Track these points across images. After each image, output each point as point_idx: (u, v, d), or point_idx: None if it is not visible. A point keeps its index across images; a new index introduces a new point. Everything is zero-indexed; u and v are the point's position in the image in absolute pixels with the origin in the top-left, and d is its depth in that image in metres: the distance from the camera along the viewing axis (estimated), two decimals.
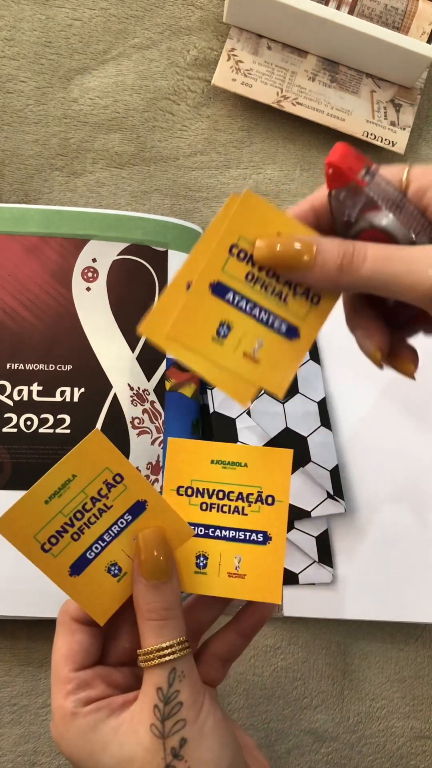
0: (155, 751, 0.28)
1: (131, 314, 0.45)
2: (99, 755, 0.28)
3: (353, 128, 0.50)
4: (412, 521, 0.46)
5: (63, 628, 0.32)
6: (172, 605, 0.30)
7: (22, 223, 0.45)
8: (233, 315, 0.30)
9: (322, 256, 0.29)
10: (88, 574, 0.31)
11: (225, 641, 0.34)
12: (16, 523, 0.30)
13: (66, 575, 0.30)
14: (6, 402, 0.44)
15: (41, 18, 0.50)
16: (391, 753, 0.47)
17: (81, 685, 0.30)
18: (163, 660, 0.29)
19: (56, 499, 0.30)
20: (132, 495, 0.31)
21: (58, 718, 0.30)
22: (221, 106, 0.51)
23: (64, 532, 0.30)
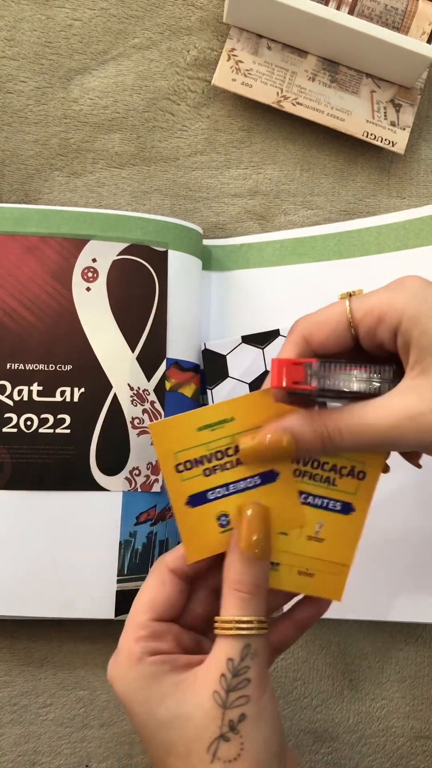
0: (213, 717, 0.28)
1: (131, 314, 0.45)
2: (155, 704, 0.29)
3: (353, 128, 0.50)
4: (411, 521, 0.46)
5: (155, 576, 0.32)
6: (260, 582, 0.31)
7: (22, 223, 0.45)
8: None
9: (302, 443, 0.31)
10: (201, 511, 0.32)
11: (280, 630, 0.34)
12: (166, 432, 0.32)
13: (183, 501, 0.32)
14: (6, 402, 0.44)
15: (41, 18, 0.50)
16: (391, 753, 0.47)
17: (154, 635, 0.31)
18: (240, 633, 0.29)
19: (208, 431, 0.32)
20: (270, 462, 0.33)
21: (123, 657, 0.30)
22: (221, 106, 0.51)
23: (200, 463, 0.32)
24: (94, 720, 0.46)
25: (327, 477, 0.33)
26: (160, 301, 0.46)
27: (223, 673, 0.29)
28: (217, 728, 0.28)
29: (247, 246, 0.50)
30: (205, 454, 0.32)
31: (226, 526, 0.32)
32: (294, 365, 0.30)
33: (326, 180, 0.52)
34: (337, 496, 0.33)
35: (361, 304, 0.31)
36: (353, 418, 0.30)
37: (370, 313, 0.30)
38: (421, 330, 0.29)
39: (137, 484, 0.44)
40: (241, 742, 0.28)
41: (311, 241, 0.50)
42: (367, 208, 0.51)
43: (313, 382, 0.30)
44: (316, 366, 0.30)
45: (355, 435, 0.30)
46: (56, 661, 0.46)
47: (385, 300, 0.30)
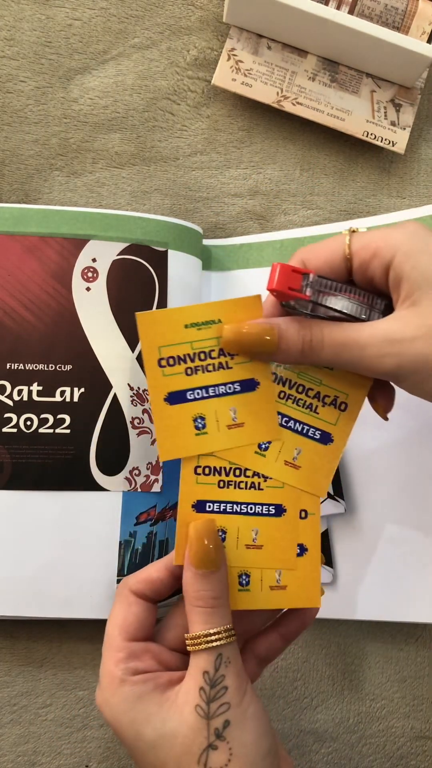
0: (199, 729, 0.29)
1: (131, 314, 0.45)
2: (141, 725, 0.29)
3: (353, 128, 0.50)
4: (412, 521, 0.46)
5: (121, 599, 0.33)
6: (219, 594, 0.31)
7: (22, 223, 0.45)
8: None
9: (285, 342, 0.31)
10: (178, 410, 0.32)
11: (266, 642, 0.35)
12: (153, 325, 0.32)
13: (162, 397, 0.32)
14: (6, 402, 0.44)
15: (41, 18, 0.50)
16: (391, 753, 0.47)
17: (131, 655, 0.31)
18: (210, 645, 0.30)
19: (194, 330, 0.32)
20: (252, 370, 0.33)
21: (106, 683, 0.31)
22: (221, 106, 0.51)
23: (183, 361, 0.32)
24: (94, 720, 0.46)
25: (310, 404, 0.33)
26: (160, 302, 0.46)
27: (201, 686, 0.29)
28: (204, 739, 0.29)
29: (247, 246, 0.50)
30: (189, 353, 0.32)
31: (202, 429, 0.32)
32: (293, 272, 0.31)
33: (326, 180, 0.51)
34: (318, 425, 0.34)
35: (360, 238, 0.32)
36: (337, 331, 0.31)
37: (366, 247, 0.31)
38: (413, 265, 0.30)
39: (137, 484, 0.44)
40: (229, 747, 0.29)
41: (311, 241, 0.50)
42: (367, 208, 0.51)
43: (308, 292, 0.31)
44: (313, 277, 0.31)
45: (336, 348, 0.31)
46: (56, 661, 0.46)
47: (382, 237, 0.31)
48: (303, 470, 0.33)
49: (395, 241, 0.30)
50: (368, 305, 0.32)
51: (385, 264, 0.31)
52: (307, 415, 0.34)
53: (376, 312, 0.32)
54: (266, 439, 0.33)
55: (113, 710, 0.30)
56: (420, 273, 0.30)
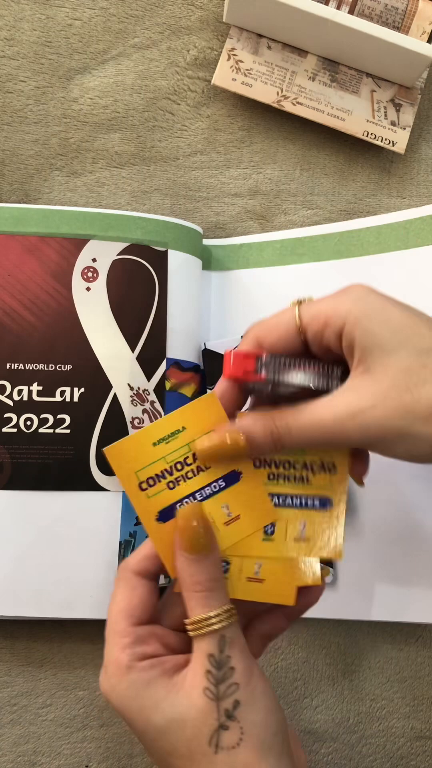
0: (209, 712, 0.29)
1: (131, 314, 0.45)
2: (150, 712, 0.29)
3: (353, 128, 0.50)
4: (412, 521, 0.46)
5: (123, 583, 0.33)
6: (214, 576, 0.31)
7: (22, 223, 0.45)
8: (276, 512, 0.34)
9: (253, 442, 0.32)
10: (172, 525, 0.32)
11: (270, 620, 0.35)
12: (123, 454, 0.32)
13: (153, 518, 0.32)
14: (6, 402, 0.44)
15: (41, 18, 0.50)
16: (391, 753, 0.47)
17: (138, 640, 0.31)
18: (211, 628, 0.30)
19: (163, 445, 0.32)
20: (230, 463, 0.33)
21: (112, 670, 0.31)
22: (221, 106, 0.51)
23: (162, 478, 0.33)
24: (94, 720, 0.46)
25: (300, 476, 0.34)
26: (160, 301, 0.46)
27: (207, 669, 0.30)
28: (215, 720, 0.29)
29: (247, 246, 0.50)
30: (166, 468, 0.33)
31: None
32: (245, 357, 0.32)
33: (326, 180, 0.51)
34: (314, 493, 0.34)
35: (308, 309, 0.32)
36: (300, 415, 0.31)
37: (316, 318, 0.32)
38: (363, 330, 0.30)
39: None
40: (240, 726, 0.29)
41: (311, 241, 0.50)
42: (367, 207, 0.51)
43: (263, 373, 0.32)
44: (266, 357, 0.32)
45: (303, 432, 0.31)
46: (56, 661, 0.46)
47: (330, 305, 0.31)
48: (313, 540, 0.34)
49: (343, 308, 0.31)
50: (325, 375, 0.32)
51: (337, 332, 0.31)
52: (301, 488, 0.34)
53: (334, 380, 0.32)
54: (265, 522, 0.34)
55: (121, 697, 0.30)
56: (370, 338, 0.30)
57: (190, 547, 0.31)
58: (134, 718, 0.30)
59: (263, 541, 0.33)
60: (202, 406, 0.33)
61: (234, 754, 0.28)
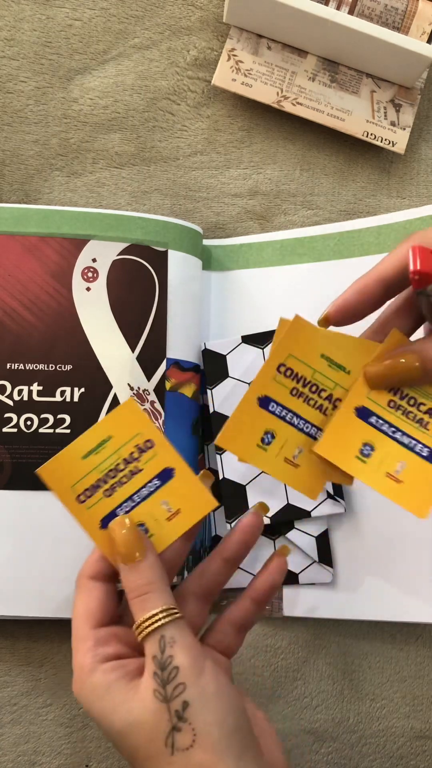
0: (161, 714, 0.29)
1: (131, 314, 0.45)
2: (110, 716, 0.30)
3: (353, 128, 0.50)
4: (412, 521, 0.46)
5: (80, 589, 0.33)
6: (151, 579, 0.31)
7: (22, 223, 0.45)
8: (377, 437, 0.33)
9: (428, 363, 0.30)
10: None
11: (238, 608, 0.35)
12: (56, 472, 0.33)
13: (97, 527, 0.33)
14: (6, 402, 0.44)
15: (41, 18, 0.50)
16: (391, 753, 0.47)
17: (99, 642, 0.32)
18: (151, 629, 0.30)
19: (93, 456, 0.33)
20: (161, 461, 0.34)
21: (78, 674, 0.31)
22: (221, 106, 0.51)
23: (97, 487, 0.33)
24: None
25: (421, 418, 0.33)
26: (160, 301, 0.46)
27: (153, 671, 0.30)
28: (167, 722, 0.29)
29: (247, 246, 0.50)
30: (100, 477, 0.33)
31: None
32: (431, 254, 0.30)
33: (326, 180, 0.52)
34: (427, 441, 0.33)
35: None
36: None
37: None
38: None
39: None
40: (192, 728, 0.29)
41: (311, 241, 0.50)
42: (367, 208, 0.51)
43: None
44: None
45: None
46: (56, 661, 0.47)
47: None
48: (404, 486, 0.33)
49: None
50: None
51: None
52: (417, 430, 0.33)
53: None
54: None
55: (86, 700, 0.31)
56: None
57: (123, 557, 0.32)
58: (98, 720, 0.30)
59: (356, 458, 0.33)
60: (125, 413, 0.33)
61: (189, 755, 0.28)
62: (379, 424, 0.33)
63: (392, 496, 0.33)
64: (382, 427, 0.33)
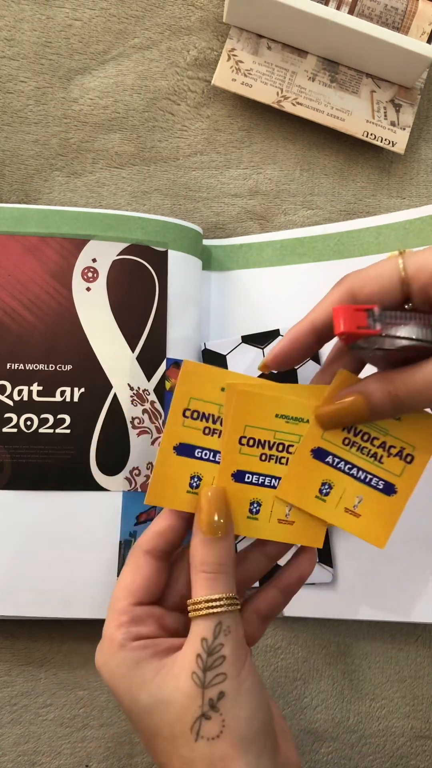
0: (193, 698, 0.29)
1: (131, 314, 0.45)
2: (137, 691, 0.29)
3: (353, 128, 0.50)
4: (412, 521, 0.46)
5: (132, 561, 0.33)
6: (224, 561, 0.31)
7: (22, 223, 0.45)
8: (335, 476, 0.33)
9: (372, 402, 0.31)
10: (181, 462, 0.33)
11: (266, 598, 0.35)
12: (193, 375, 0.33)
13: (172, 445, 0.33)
14: (6, 402, 0.44)
15: (41, 18, 0.50)
16: (391, 753, 0.47)
17: (134, 620, 0.31)
18: (210, 612, 0.30)
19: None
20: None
21: (106, 646, 0.31)
22: (221, 106, 0.51)
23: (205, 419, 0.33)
24: (94, 720, 0.46)
25: (374, 453, 0.33)
26: (160, 301, 0.46)
27: (198, 653, 0.29)
28: (198, 708, 0.28)
29: (247, 246, 0.50)
30: (213, 413, 0.33)
31: (194, 488, 0.33)
32: (356, 310, 0.30)
33: (326, 180, 0.52)
34: (382, 475, 0.33)
35: (414, 260, 0.30)
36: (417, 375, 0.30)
37: (423, 269, 0.30)
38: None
39: (137, 484, 0.44)
40: (222, 719, 0.28)
41: (311, 241, 0.50)
42: (367, 208, 0.51)
43: (377, 326, 0.30)
44: (378, 310, 0.30)
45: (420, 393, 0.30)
46: (56, 661, 0.47)
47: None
48: (363, 519, 0.33)
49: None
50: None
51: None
52: (371, 465, 0.33)
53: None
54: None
55: (111, 674, 0.30)
56: None
57: (210, 528, 0.31)
58: (122, 695, 0.30)
59: (315, 498, 0.33)
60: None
61: (213, 745, 0.28)
62: (335, 463, 0.33)
63: (352, 530, 0.33)
64: (339, 465, 0.33)
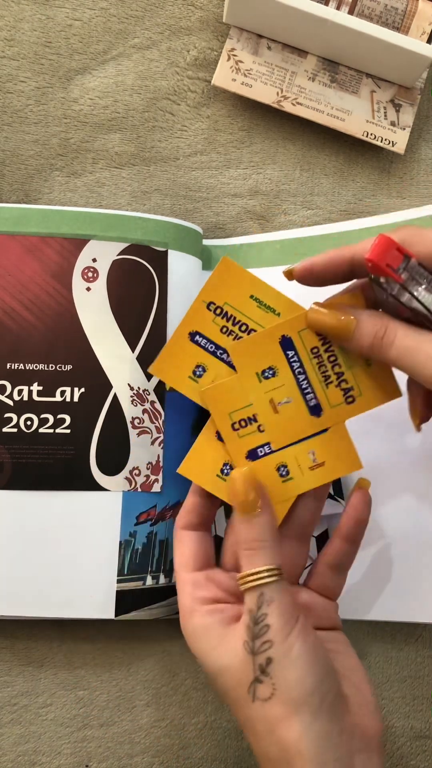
0: (246, 664, 0.31)
1: (131, 314, 0.45)
2: (205, 656, 0.33)
3: (353, 128, 0.50)
4: (412, 521, 0.46)
5: (175, 540, 0.37)
6: (263, 536, 0.33)
7: (22, 223, 0.45)
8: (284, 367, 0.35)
9: (359, 333, 0.32)
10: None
11: (332, 549, 0.37)
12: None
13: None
14: (6, 402, 0.44)
15: (41, 18, 0.50)
16: (391, 753, 0.47)
17: (195, 585, 0.35)
18: (253, 584, 0.32)
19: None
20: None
21: (182, 613, 0.34)
22: (221, 106, 0.51)
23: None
24: (94, 720, 0.46)
25: (328, 375, 0.34)
26: (160, 301, 0.46)
27: (247, 623, 0.32)
28: (252, 672, 0.31)
29: (247, 246, 0.50)
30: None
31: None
32: (396, 250, 0.29)
33: (326, 180, 0.52)
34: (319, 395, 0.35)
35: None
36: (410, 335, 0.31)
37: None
38: None
39: (137, 484, 0.44)
40: (272, 683, 0.31)
41: (311, 241, 0.50)
42: (367, 208, 0.51)
43: (403, 275, 0.30)
44: (413, 262, 0.30)
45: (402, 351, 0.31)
46: (56, 661, 0.47)
47: None
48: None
49: None
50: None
51: None
52: (317, 382, 0.34)
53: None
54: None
55: (189, 639, 0.33)
56: None
57: (240, 508, 0.33)
58: (198, 658, 0.33)
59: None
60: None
61: (267, 706, 0.30)
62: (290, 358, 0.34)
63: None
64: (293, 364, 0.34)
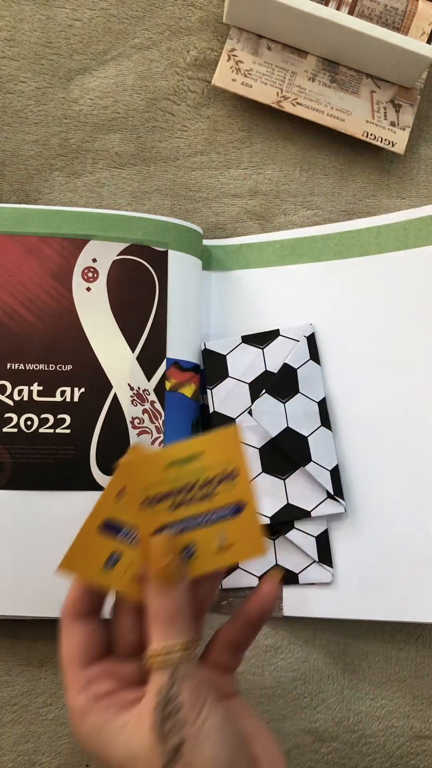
0: (154, 750, 0.29)
1: (131, 314, 0.45)
2: (108, 750, 0.30)
3: (353, 128, 0.50)
4: (412, 521, 0.46)
5: (63, 631, 0.33)
6: (180, 607, 0.31)
7: (22, 223, 0.45)
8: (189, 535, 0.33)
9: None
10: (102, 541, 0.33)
11: (232, 628, 0.35)
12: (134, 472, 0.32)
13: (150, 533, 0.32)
14: (6, 402, 0.44)
15: (41, 18, 0.50)
16: (391, 753, 0.47)
17: (89, 682, 0.31)
18: (166, 662, 0.30)
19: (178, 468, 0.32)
20: (237, 494, 0.33)
21: (72, 715, 0.31)
22: (221, 107, 0.51)
23: (168, 497, 0.32)
24: None
25: (206, 493, 0.33)
26: (160, 301, 0.46)
27: (154, 705, 0.29)
28: (161, 758, 0.29)
29: (247, 246, 0.50)
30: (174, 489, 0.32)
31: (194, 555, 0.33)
32: None
33: (326, 180, 0.52)
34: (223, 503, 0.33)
35: None
36: None
37: None
38: None
39: None
40: (186, 764, 0.28)
41: (311, 241, 0.50)
42: (367, 208, 0.51)
43: None
44: None
45: None
46: (56, 661, 0.47)
47: None
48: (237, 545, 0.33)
49: None
50: None
51: None
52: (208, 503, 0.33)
53: None
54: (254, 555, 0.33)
55: (83, 741, 0.31)
56: None
57: (160, 575, 0.31)
58: (97, 756, 0.30)
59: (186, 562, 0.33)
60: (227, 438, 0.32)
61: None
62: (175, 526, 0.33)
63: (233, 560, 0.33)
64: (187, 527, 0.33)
